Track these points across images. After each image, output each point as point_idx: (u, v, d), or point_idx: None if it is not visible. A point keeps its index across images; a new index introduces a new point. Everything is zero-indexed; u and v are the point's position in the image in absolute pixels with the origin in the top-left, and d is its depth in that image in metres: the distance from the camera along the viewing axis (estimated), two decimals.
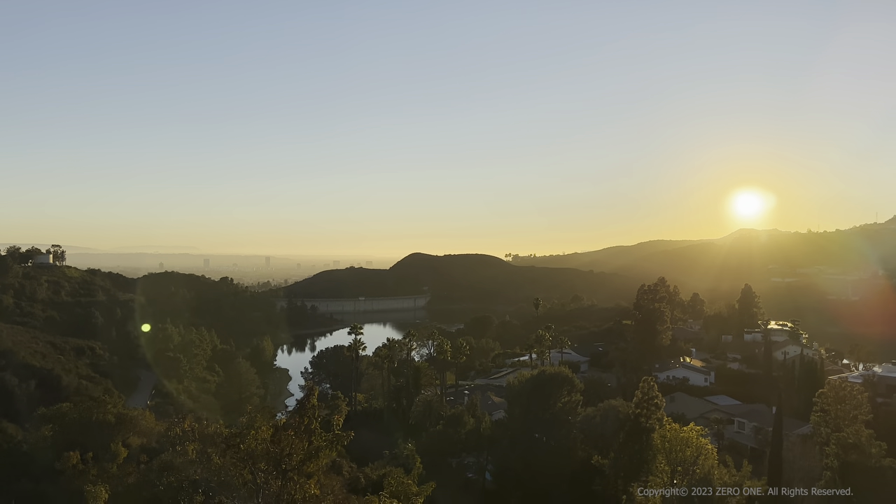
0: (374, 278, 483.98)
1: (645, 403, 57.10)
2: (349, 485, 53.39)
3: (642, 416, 56.40)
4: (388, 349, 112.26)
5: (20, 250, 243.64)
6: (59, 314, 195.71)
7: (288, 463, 12.23)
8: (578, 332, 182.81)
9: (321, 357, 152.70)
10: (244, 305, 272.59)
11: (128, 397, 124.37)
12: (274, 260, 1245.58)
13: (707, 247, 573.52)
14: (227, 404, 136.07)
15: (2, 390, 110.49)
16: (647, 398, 57.24)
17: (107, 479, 27.19)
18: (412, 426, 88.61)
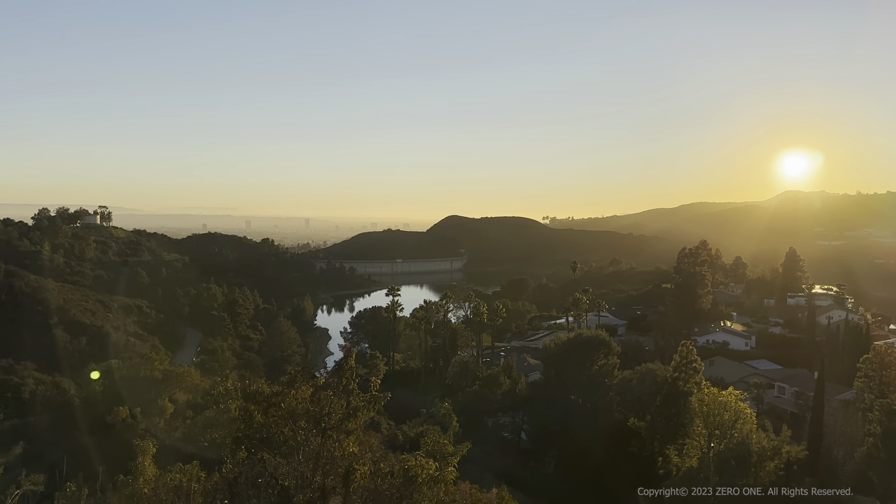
0: (411, 240, 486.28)
1: (683, 367, 56.67)
2: (387, 442, 54.64)
3: (680, 380, 56.04)
4: (424, 311, 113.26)
5: (69, 211, 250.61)
6: (106, 273, 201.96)
7: (327, 422, 12.50)
8: (617, 296, 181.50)
9: (359, 318, 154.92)
10: (285, 266, 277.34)
11: (174, 354, 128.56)
12: (313, 222, 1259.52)
13: (751, 209, 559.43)
14: (269, 362, 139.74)
15: (56, 346, 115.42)
16: (685, 362, 56.78)
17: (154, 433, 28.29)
18: (448, 386, 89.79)
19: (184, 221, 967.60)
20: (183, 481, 13.32)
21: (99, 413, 33.61)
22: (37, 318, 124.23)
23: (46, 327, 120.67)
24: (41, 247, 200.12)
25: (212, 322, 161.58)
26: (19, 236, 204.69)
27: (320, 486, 11.80)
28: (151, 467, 15.51)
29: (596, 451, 63.58)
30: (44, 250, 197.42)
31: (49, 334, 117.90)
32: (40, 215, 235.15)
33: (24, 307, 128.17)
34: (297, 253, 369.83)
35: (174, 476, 13.81)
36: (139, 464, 15.64)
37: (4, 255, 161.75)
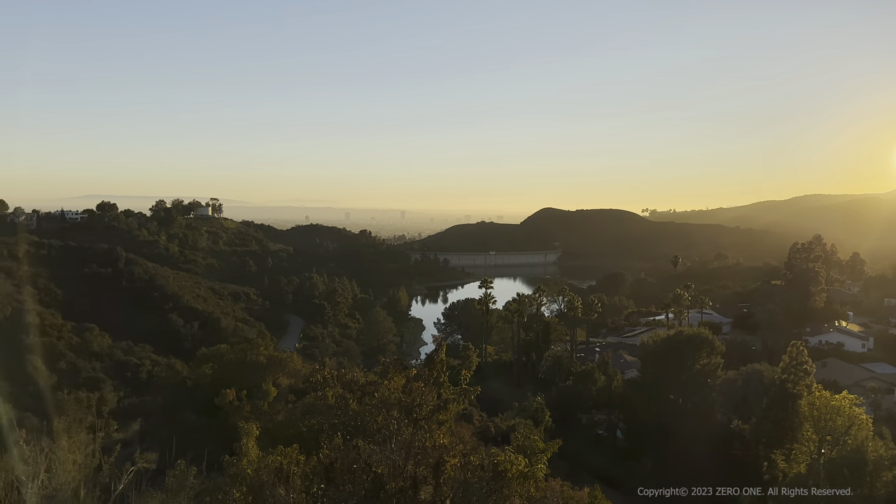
0: (504, 233, 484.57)
1: (792, 368, 53.62)
2: (479, 433, 54.83)
3: (789, 382, 53.05)
4: (517, 303, 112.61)
5: (183, 203, 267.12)
6: (217, 262, 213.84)
7: (418, 412, 12.69)
8: (721, 292, 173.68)
9: (453, 309, 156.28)
10: (381, 257, 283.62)
11: (278, 340, 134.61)
12: (409, 214, 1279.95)
13: (871, 201, 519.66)
14: (366, 349, 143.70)
15: (170, 330, 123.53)
16: (795, 363, 53.70)
17: (258, 415, 29.71)
18: (541, 380, 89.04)
19: (288, 213, 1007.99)
20: (283, 463, 13.83)
21: (208, 395, 35.66)
22: (154, 304, 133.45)
23: (162, 312, 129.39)
24: (158, 237, 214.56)
25: (313, 310, 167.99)
26: (138, 226, 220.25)
27: (412, 476, 12.01)
28: (254, 449, 16.20)
29: (696, 453, 61.32)
30: (160, 240, 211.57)
31: (165, 319, 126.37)
32: (157, 207, 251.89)
33: (142, 293, 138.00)
34: (393, 244, 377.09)
35: (275, 458, 14.36)
36: (243, 445, 16.35)
37: (125, 244, 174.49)
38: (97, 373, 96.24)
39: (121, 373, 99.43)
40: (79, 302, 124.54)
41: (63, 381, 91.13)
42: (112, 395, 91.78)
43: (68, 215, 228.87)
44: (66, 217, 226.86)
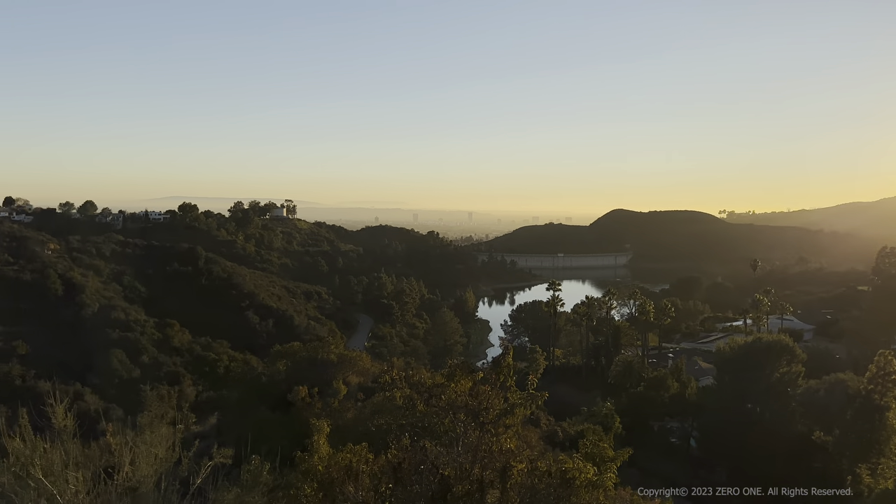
0: (573, 234, 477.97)
1: (880, 379, 50.81)
2: (547, 437, 54.31)
3: (876, 393, 50.28)
4: (586, 306, 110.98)
5: (260, 204, 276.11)
6: (291, 261, 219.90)
7: (485, 416, 12.68)
8: (803, 298, 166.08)
9: (520, 311, 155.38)
10: (448, 258, 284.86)
11: (348, 338, 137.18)
12: (476, 215, 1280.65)
13: None
14: (433, 350, 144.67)
15: (246, 327, 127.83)
16: (882, 373, 50.87)
17: (329, 413, 30.36)
18: (610, 385, 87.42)
19: (358, 214, 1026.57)
20: (353, 461, 14.05)
21: (281, 391, 36.73)
22: (231, 301, 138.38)
23: (239, 310, 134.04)
24: (236, 237, 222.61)
25: (381, 309, 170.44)
26: (217, 227, 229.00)
27: (478, 479, 12.01)
28: (325, 446, 16.51)
29: (775, 465, 58.89)
30: (238, 240, 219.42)
31: (241, 316, 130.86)
32: (235, 208, 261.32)
33: (220, 291, 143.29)
34: (461, 245, 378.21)
35: (345, 456, 14.59)
36: (314, 442, 16.68)
37: (205, 244, 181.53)
38: (177, 367, 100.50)
39: (199, 367, 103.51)
40: (161, 299, 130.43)
41: (145, 374, 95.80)
42: (191, 389, 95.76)
43: (152, 216, 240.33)
44: (150, 217, 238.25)
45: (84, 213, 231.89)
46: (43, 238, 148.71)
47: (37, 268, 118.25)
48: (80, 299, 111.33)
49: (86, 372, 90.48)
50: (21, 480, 9.87)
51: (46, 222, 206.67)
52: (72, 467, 10.02)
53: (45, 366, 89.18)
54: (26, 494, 9.79)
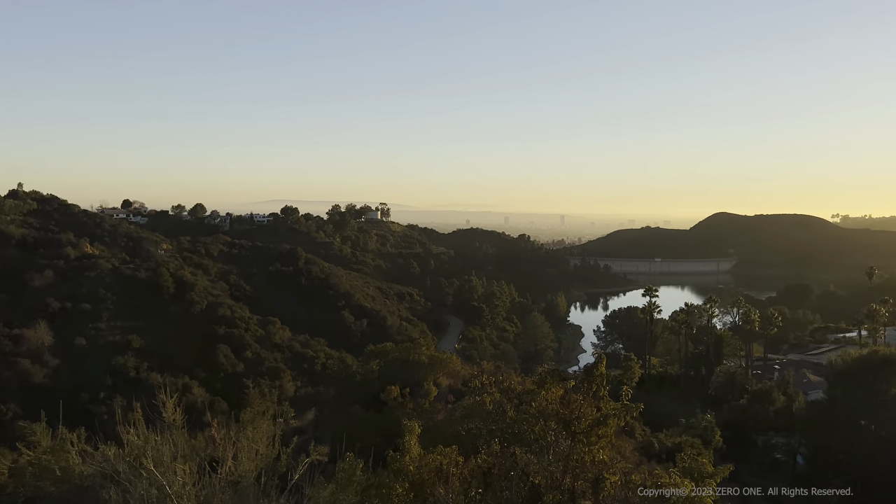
0: (671, 239, 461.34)
1: None
2: (641, 449, 52.62)
3: None
4: (685, 314, 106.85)
5: (355, 207, 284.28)
6: (384, 263, 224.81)
7: (577, 426, 12.42)
8: None
9: (614, 317, 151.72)
10: (539, 262, 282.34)
11: (439, 340, 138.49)
12: (568, 218, 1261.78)
13: None
14: (523, 354, 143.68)
15: (342, 326, 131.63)
16: None
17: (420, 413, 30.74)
18: (711, 397, 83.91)
19: (450, 217, 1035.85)
20: (443, 463, 14.13)
21: (375, 390, 37.52)
22: (328, 301, 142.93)
23: (335, 309, 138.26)
24: (333, 238, 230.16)
25: (472, 312, 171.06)
26: (316, 229, 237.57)
27: (569, 489, 11.78)
28: (416, 446, 16.68)
29: (891, 486, 54.57)
30: (335, 242, 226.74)
31: (338, 315, 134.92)
32: (333, 211, 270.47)
33: (318, 290, 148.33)
34: (552, 249, 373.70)
35: (436, 458, 14.68)
36: (406, 442, 16.88)
37: (304, 245, 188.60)
38: (278, 363, 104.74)
39: (298, 364, 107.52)
40: (263, 297, 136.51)
41: (248, 369, 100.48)
42: (290, 385, 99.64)
43: (256, 218, 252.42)
44: (255, 220, 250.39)
45: (194, 215, 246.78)
46: (156, 238, 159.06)
47: (151, 266, 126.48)
48: (190, 296, 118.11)
49: (193, 366, 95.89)
50: (135, 470, 10.63)
51: (160, 223, 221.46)
52: (180, 459, 10.68)
53: (156, 359, 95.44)
54: (139, 483, 10.50)
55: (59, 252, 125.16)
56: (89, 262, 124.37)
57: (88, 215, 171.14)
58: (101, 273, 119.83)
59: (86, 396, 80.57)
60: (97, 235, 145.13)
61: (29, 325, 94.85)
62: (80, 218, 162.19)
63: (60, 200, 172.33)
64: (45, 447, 12.22)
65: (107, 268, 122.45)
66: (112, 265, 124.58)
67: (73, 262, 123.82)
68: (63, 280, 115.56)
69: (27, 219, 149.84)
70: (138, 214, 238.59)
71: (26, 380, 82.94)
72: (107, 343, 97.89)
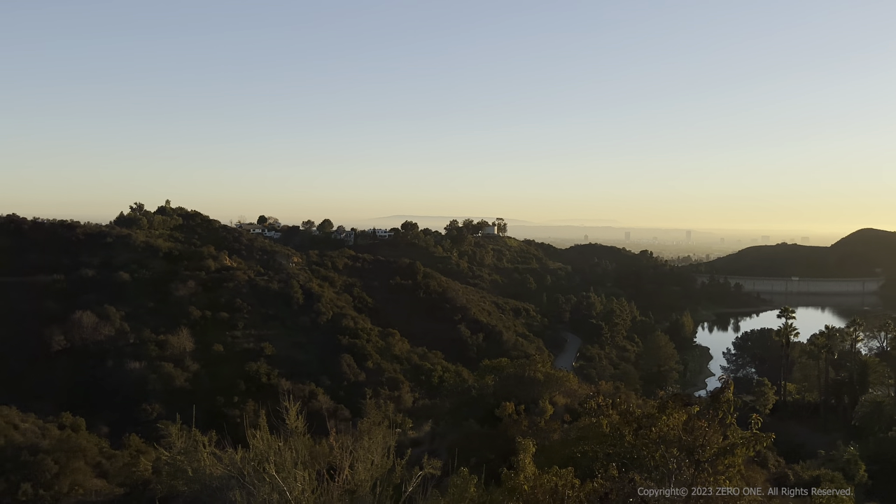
0: (810, 256, 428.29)
1: None
2: (775, 481, 49.02)
3: None
4: (826, 337, 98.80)
5: (473, 223, 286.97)
6: (500, 278, 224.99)
7: (700, 454, 11.74)
8: None
9: (745, 339, 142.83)
10: (663, 279, 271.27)
11: (555, 357, 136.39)
12: (695, 234, 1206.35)
13: None
14: (645, 375, 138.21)
15: (459, 340, 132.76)
16: None
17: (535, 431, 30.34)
18: (854, 428, 77.02)
19: (567, 232, 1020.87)
20: (559, 485, 13.85)
21: (490, 405, 37.46)
22: (445, 314, 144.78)
23: (452, 323, 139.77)
24: (451, 253, 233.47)
25: (590, 329, 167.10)
26: (434, 244, 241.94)
27: None
28: (531, 465, 16.47)
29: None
30: (452, 256, 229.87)
31: (454, 329, 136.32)
32: (451, 226, 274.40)
33: (435, 304, 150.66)
34: (677, 266, 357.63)
35: (551, 478, 14.44)
36: (520, 460, 16.72)
37: (423, 259, 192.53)
38: (397, 374, 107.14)
39: (416, 375, 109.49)
40: (384, 309, 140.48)
41: (369, 378, 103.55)
42: (408, 396, 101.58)
43: (378, 233, 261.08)
44: (377, 234, 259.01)
45: (322, 230, 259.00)
46: (288, 252, 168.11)
47: (282, 278, 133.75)
48: (317, 307, 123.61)
49: (319, 373, 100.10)
50: (258, 474, 11.21)
51: (291, 238, 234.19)
52: (300, 466, 11.17)
53: (286, 366, 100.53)
54: (262, 487, 11.06)
55: (201, 264, 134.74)
56: (228, 273, 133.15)
57: (228, 230, 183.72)
58: (238, 284, 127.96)
59: (221, 400, 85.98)
60: (235, 249, 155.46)
61: (173, 331, 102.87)
62: (220, 232, 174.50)
63: (203, 216, 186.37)
64: (180, 448, 13.17)
65: (243, 279, 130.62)
66: (248, 277, 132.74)
67: (214, 273, 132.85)
68: (204, 290, 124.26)
69: (173, 233, 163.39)
70: (272, 229, 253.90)
71: (169, 383, 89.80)
72: (242, 350, 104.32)
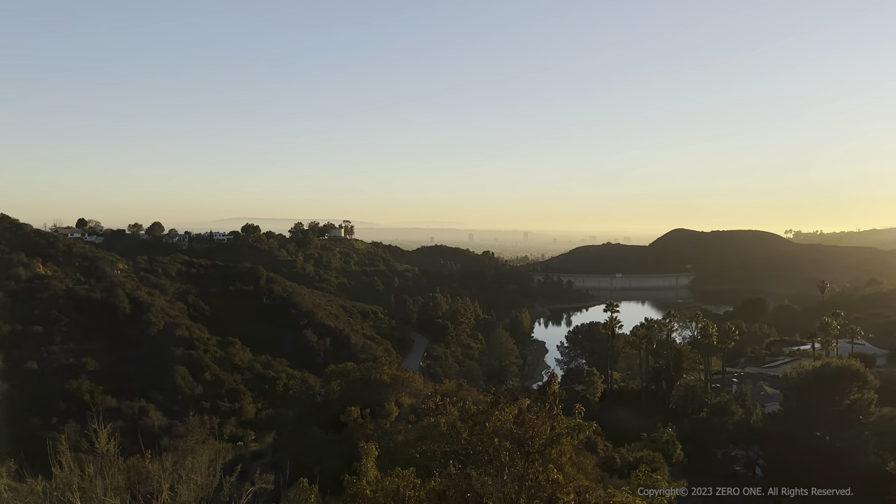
0: (632, 255, 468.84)
1: None
2: (603, 464, 52.87)
3: None
4: (646, 329, 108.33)
5: (319, 225, 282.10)
6: (348, 281, 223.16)
7: (531, 445, 12.36)
8: (876, 321, 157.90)
9: (577, 333, 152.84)
10: (503, 278, 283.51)
11: (403, 358, 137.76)
12: (532, 235, 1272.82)
13: None
14: (488, 370, 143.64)
15: (305, 345, 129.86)
16: None
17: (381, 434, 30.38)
18: (671, 410, 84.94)
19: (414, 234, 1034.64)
20: (400, 486, 13.93)
21: (335, 411, 37.00)
22: (291, 320, 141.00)
23: (298, 328, 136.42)
24: (296, 257, 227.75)
25: (436, 329, 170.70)
26: (278, 247, 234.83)
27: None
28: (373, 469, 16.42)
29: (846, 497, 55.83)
30: (298, 260, 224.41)
31: (301, 335, 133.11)
32: (295, 229, 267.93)
33: (280, 310, 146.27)
34: (516, 265, 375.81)
35: (393, 480, 14.48)
36: (363, 465, 16.63)
37: (266, 264, 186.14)
38: (238, 385, 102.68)
39: (259, 385, 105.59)
40: (223, 317, 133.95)
41: (207, 391, 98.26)
42: (251, 407, 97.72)
43: (216, 236, 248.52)
44: (214, 238, 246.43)
45: (151, 234, 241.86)
46: (112, 258, 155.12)
47: (106, 287, 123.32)
48: (147, 317, 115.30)
49: (151, 389, 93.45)
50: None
51: (116, 243, 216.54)
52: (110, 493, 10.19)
53: (112, 382, 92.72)
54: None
55: (9, 273, 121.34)
56: (42, 283, 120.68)
57: (41, 235, 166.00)
58: (54, 294, 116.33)
59: (37, 422, 77.78)
60: (50, 255, 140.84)
61: None
62: (31, 238, 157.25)
63: (11, 219, 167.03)
64: None
65: (60, 289, 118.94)
66: (66, 286, 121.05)
67: (25, 283, 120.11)
68: (14, 302, 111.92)
69: None
70: (94, 234, 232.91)
71: None
72: (60, 366, 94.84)
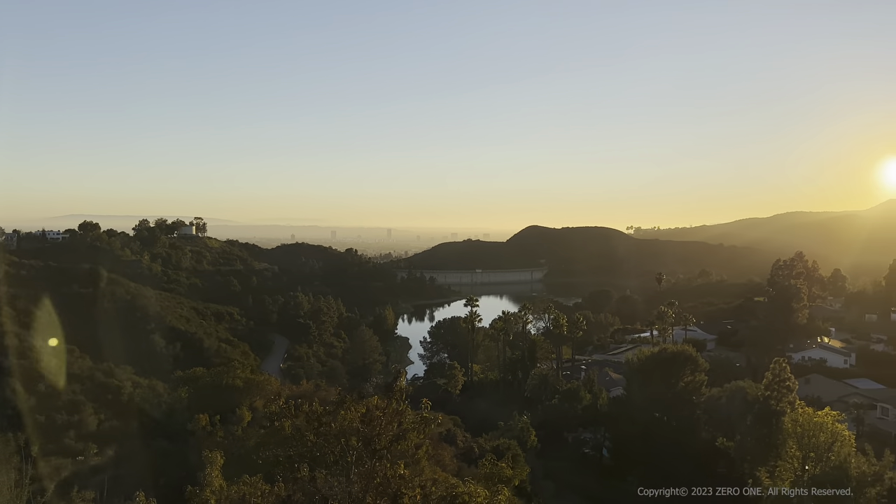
0: (491, 251, 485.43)
1: (776, 385, 53.49)
2: (463, 455, 54.22)
3: (772, 399, 52.92)
4: (503, 322, 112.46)
5: (167, 222, 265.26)
6: (201, 281, 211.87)
7: (378, 442, 12.37)
8: (705, 309, 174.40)
9: (439, 327, 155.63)
10: (367, 275, 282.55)
11: (262, 360, 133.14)
12: (395, 232, 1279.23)
13: (851, 218, 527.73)
14: (352, 369, 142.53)
15: (152, 351, 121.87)
16: (778, 380, 53.60)
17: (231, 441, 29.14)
18: (527, 399, 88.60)
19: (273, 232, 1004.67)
20: (246, 493, 13.45)
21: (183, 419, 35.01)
22: (136, 324, 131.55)
23: (144, 333, 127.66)
24: (141, 256, 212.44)
25: (298, 329, 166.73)
26: (121, 246, 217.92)
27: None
28: (219, 478, 15.75)
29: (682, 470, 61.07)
30: (143, 260, 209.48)
31: (147, 339, 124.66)
32: (140, 226, 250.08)
33: (124, 314, 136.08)
34: (380, 263, 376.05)
35: (239, 488, 13.96)
36: (207, 474, 15.91)
37: (108, 264, 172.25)
38: (77, 395, 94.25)
39: (102, 395, 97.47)
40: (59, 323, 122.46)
41: (42, 403, 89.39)
42: (92, 419, 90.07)
43: (50, 235, 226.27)
44: (48, 237, 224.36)
45: None
46: None
47: None
48: None
49: None
50: None
51: None
52: None
53: None
54: None
55: None
56: None
57: None
58: None
59: None
60: None
61: None
62: None
63: None
64: None
65: None
66: None
67: None
68: None
69: None
70: None
71: None
72: None
